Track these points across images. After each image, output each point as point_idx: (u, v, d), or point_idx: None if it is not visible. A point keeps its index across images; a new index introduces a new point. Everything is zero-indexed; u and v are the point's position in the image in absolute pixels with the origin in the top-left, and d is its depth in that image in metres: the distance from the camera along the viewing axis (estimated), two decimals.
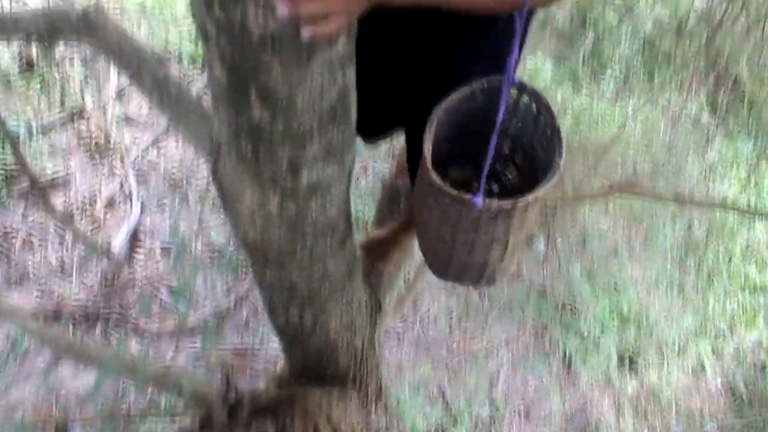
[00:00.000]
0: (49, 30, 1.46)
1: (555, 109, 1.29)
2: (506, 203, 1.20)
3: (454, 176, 1.51)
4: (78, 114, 3.62)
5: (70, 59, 3.79)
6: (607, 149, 3.09)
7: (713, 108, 4.61)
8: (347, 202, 1.26)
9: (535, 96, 1.31)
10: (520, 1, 1.03)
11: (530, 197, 1.20)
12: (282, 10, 0.79)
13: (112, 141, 3.56)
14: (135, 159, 3.57)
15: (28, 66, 3.69)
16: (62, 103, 3.62)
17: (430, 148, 1.25)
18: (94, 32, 1.37)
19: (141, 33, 3.91)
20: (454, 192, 1.20)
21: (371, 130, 1.74)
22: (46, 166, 3.41)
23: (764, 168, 4.52)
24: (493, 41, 1.27)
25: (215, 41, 0.87)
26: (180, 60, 3.90)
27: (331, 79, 0.92)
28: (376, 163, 3.70)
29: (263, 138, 0.99)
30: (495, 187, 1.59)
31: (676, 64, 4.42)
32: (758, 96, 4.59)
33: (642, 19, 4.43)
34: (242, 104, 0.94)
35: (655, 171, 4.01)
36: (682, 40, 4.40)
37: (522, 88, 1.31)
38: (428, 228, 1.40)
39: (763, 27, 3.53)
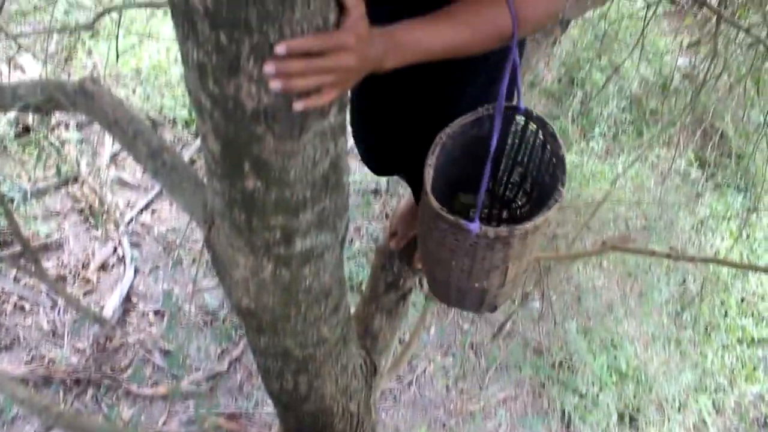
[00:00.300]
0: (46, 101, 1.48)
1: (560, 138, 1.30)
2: (503, 230, 1.20)
3: (465, 201, 1.51)
4: (73, 178, 3.65)
5: (66, 124, 3.83)
6: (599, 206, 3.12)
7: (702, 163, 4.68)
8: (341, 267, 1.26)
9: (541, 123, 1.32)
10: (508, 34, 1.04)
11: (528, 225, 1.19)
12: (275, 85, 0.81)
13: (106, 204, 3.57)
14: (129, 222, 3.58)
15: (24, 131, 3.73)
16: (57, 166, 3.65)
17: (431, 173, 1.25)
18: (90, 103, 1.39)
19: (136, 98, 3.98)
20: (451, 217, 1.20)
21: (379, 169, 1.76)
22: (40, 230, 3.40)
23: (755, 221, 4.55)
24: (486, 72, 1.29)
25: (209, 114, 0.89)
26: (174, 124, 3.95)
27: (323, 149, 0.94)
28: (369, 224, 3.72)
29: (257, 207, 1.00)
30: (504, 213, 1.60)
31: (664, 121, 4.50)
32: (745, 151, 4.67)
33: (628, 79, 4.54)
34: (236, 175, 0.95)
35: (647, 227, 4.04)
36: (668, 98, 4.50)
37: (528, 115, 1.32)
38: (429, 252, 1.39)
39: (744, 85, 3.62)
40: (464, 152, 1.35)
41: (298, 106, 0.84)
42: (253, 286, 1.18)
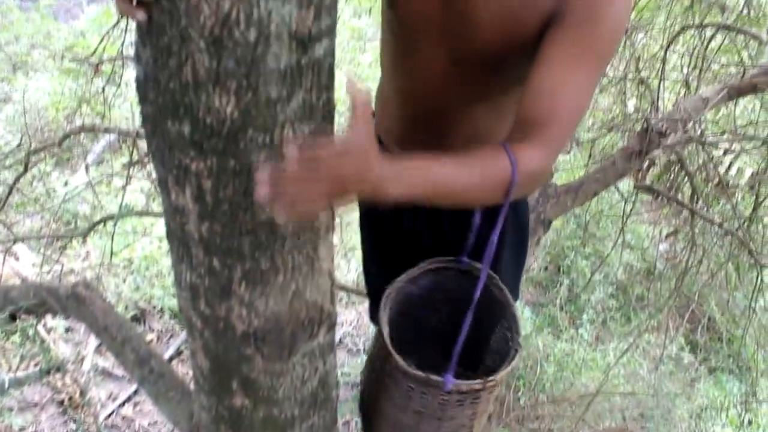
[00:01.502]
0: (38, 305, 1.49)
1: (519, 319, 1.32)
2: (477, 383, 1.14)
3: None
4: (55, 367, 3.56)
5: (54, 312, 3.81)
6: (593, 399, 3.05)
7: (693, 347, 4.65)
8: None
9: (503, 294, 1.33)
10: (507, 183, 1.02)
11: (498, 376, 1.14)
12: (263, 192, 0.76)
13: (87, 395, 3.46)
14: (110, 414, 3.45)
15: (11, 319, 3.69)
16: (41, 367, 3.57)
17: (388, 331, 1.18)
18: (81, 308, 1.40)
19: (126, 286, 4.00)
20: (420, 374, 1.12)
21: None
22: (14, 422, 3.26)
23: (755, 407, 4.43)
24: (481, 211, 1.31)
25: (200, 333, 0.90)
26: (162, 314, 3.95)
27: (312, 368, 0.94)
28: (358, 418, 3.58)
29: (244, 424, 0.97)
30: None
31: (651, 307, 4.54)
32: (734, 334, 4.66)
33: (612, 266, 4.64)
34: (224, 392, 0.94)
35: (644, 415, 3.92)
36: (654, 283, 4.57)
37: (492, 282, 1.33)
38: (385, 419, 1.27)
39: (725, 271, 3.72)
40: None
41: (281, 219, 0.80)
42: None
